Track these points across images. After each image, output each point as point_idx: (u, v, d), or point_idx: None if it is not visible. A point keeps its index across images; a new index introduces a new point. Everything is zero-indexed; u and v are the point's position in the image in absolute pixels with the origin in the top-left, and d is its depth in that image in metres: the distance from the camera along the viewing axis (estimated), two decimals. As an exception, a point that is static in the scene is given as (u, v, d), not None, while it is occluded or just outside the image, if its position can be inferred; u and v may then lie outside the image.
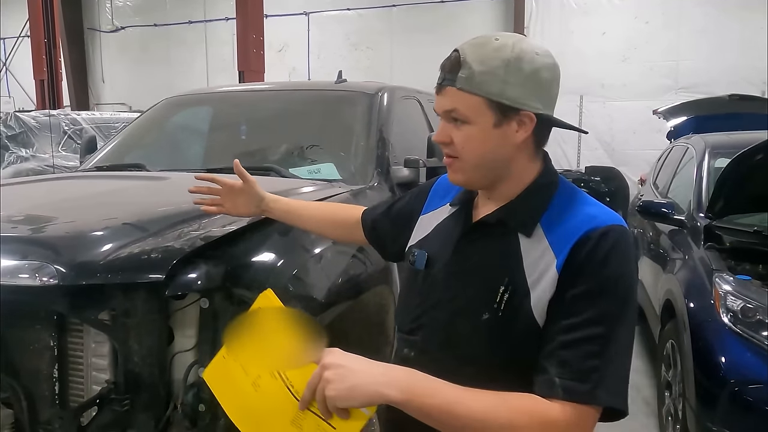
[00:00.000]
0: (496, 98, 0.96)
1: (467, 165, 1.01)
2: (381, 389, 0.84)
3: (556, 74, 1.00)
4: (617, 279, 0.92)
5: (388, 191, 2.57)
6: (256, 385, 0.93)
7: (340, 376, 0.85)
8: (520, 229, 0.99)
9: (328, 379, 0.85)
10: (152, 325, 1.49)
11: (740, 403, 2.27)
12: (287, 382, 0.91)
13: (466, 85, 0.96)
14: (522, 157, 1.02)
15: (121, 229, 1.61)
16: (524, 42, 0.98)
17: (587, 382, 0.86)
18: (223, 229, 1.62)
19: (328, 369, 0.85)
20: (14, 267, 1.46)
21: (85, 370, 1.54)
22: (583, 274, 0.91)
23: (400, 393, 0.85)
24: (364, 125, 2.79)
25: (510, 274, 0.96)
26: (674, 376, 2.84)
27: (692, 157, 3.88)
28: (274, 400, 0.91)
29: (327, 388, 0.84)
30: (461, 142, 0.99)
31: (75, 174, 3.03)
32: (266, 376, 0.92)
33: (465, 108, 0.97)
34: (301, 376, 0.89)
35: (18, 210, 1.79)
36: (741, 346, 2.35)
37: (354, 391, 0.84)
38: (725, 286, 2.53)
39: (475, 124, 0.98)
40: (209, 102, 3.48)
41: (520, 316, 0.94)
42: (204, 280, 1.47)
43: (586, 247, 0.92)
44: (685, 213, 3.41)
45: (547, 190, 1.02)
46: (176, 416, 1.51)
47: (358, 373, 0.85)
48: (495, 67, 0.95)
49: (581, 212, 0.98)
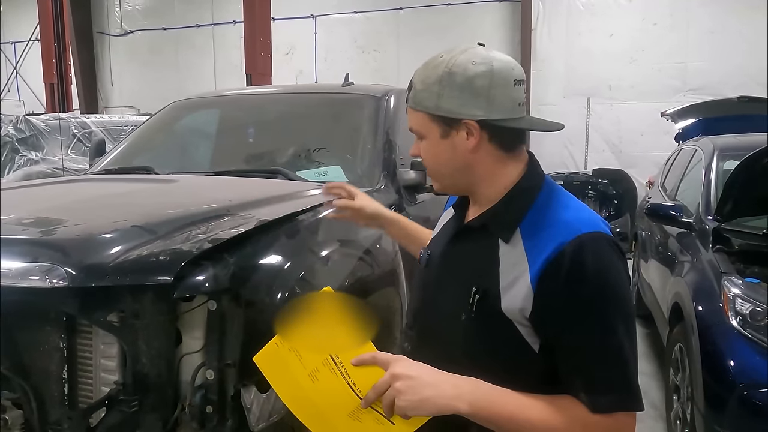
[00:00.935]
0: (434, 111, 1.03)
1: (434, 174, 1.11)
2: (451, 402, 0.89)
3: (495, 79, 1.00)
4: (603, 288, 0.93)
5: (394, 194, 2.57)
6: (314, 378, 0.96)
7: (412, 389, 0.88)
8: (498, 234, 1.02)
9: (399, 390, 0.88)
10: (160, 327, 1.50)
11: (749, 407, 2.25)
12: (348, 379, 0.93)
13: (412, 104, 1.06)
14: (486, 161, 1.04)
15: (130, 232, 1.63)
16: (465, 54, 1.01)
17: (609, 394, 0.91)
18: (231, 232, 1.63)
19: (399, 380, 0.89)
20: (24, 269, 1.47)
21: (94, 371, 1.55)
22: (570, 291, 0.92)
23: (468, 406, 0.89)
24: (371, 128, 2.80)
25: (483, 277, 1.00)
26: (683, 380, 2.82)
27: (701, 159, 3.86)
28: (333, 394, 0.94)
29: (398, 398, 0.88)
30: (423, 155, 1.09)
31: (84, 177, 3.05)
32: (325, 370, 0.95)
33: (416, 125, 1.07)
34: (365, 377, 0.92)
35: (28, 212, 1.80)
36: (750, 350, 2.34)
37: (425, 404, 0.88)
38: (734, 290, 2.51)
39: (426, 138, 1.06)
40: (217, 105, 3.50)
41: (493, 318, 0.98)
42: (212, 282, 1.48)
43: (564, 266, 0.93)
44: (693, 216, 3.39)
45: (529, 194, 1.03)
46: (184, 417, 1.52)
47: (428, 386, 0.89)
48: (431, 83, 1.02)
49: (557, 219, 0.98)
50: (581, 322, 0.93)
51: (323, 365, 0.95)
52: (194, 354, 1.54)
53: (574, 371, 0.94)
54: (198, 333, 1.54)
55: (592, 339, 0.92)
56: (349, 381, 0.93)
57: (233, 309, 1.50)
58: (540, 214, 1.00)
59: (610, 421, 0.91)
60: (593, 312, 0.92)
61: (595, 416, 0.91)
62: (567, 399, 0.93)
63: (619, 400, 0.92)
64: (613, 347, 0.92)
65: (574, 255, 0.93)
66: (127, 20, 12.58)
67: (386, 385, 0.89)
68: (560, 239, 0.94)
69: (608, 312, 0.93)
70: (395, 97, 2.99)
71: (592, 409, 0.91)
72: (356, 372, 0.93)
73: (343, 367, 0.94)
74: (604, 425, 0.91)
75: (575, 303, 0.92)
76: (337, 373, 0.94)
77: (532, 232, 0.99)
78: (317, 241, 1.87)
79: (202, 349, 1.53)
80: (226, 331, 1.49)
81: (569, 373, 0.95)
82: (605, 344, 0.92)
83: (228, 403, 1.50)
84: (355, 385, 0.93)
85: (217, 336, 1.50)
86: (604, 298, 0.93)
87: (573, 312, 0.92)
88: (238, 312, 1.50)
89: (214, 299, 1.49)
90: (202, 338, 1.53)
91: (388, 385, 0.89)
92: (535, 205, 1.02)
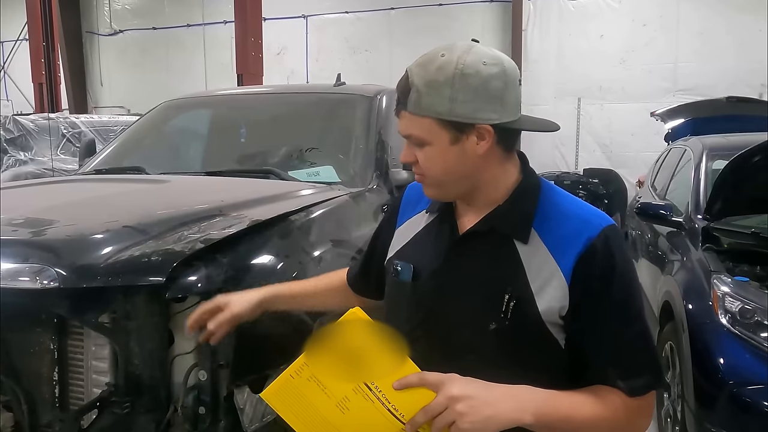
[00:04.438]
0: (447, 117, 0.95)
1: (435, 181, 1.02)
2: (515, 416, 0.87)
3: (508, 79, 0.97)
4: (629, 277, 0.97)
5: (387, 194, 2.57)
6: (343, 408, 0.89)
7: (475, 410, 0.85)
8: (515, 235, 0.99)
9: (462, 413, 0.84)
10: (152, 328, 1.50)
11: (739, 405, 2.27)
12: (389, 405, 0.88)
13: (415, 109, 0.96)
14: (492, 165, 1.01)
15: (122, 232, 1.62)
16: (471, 53, 0.95)
17: (644, 375, 0.95)
18: (223, 232, 1.63)
19: (460, 401, 0.85)
20: (15, 270, 1.46)
21: (85, 372, 1.54)
22: (603, 284, 0.95)
23: (532, 417, 0.88)
24: (363, 128, 2.80)
25: (512, 281, 0.97)
26: (673, 378, 2.84)
27: (690, 159, 3.89)
28: (368, 422, 0.89)
29: (461, 421, 0.84)
30: (423, 161, 1.00)
31: (74, 177, 3.03)
32: (357, 398, 0.89)
33: (419, 131, 0.98)
34: (407, 399, 0.87)
35: (18, 213, 1.79)
36: (739, 348, 2.35)
37: (490, 422, 0.86)
38: (723, 288, 2.53)
39: (432, 144, 0.98)
40: (208, 105, 3.49)
41: (530, 323, 0.96)
42: (204, 283, 1.48)
43: (597, 258, 0.95)
44: (683, 215, 3.41)
45: (533, 193, 1.03)
46: (176, 419, 1.52)
47: (491, 404, 0.86)
48: (440, 86, 0.94)
49: (573, 215, 0.99)
50: (616, 312, 0.95)
51: (355, 393, 0.89)
52: (187, 355, 1.54)
53: (608, 360, 0.95)
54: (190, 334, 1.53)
55: (625, 328, 0.95)
56: (389, 407, 0.88)
57: (226, 309, 1.49)
58: (549, 210, 1.00)
59: (643, 401, 0.95)
60: (626, 302, 0.96)
61: (634, 400, 0.94)
62: (604, 389, 0.95)
63: (652, 382, 0.96)
64: (641, 332, 0.96)
65: (605, 248, 0.95)
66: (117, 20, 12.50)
67: (441, 408, 0.85)
68: (587, 234, 0.96)
69: (635, 299, 0.97)
70: (387, 97, 2.99)
71: (630, 393, 0.94)
72: (398, 396, 0.87)
73: (380, 393, 0.88)
74: (639, 406, 0.95)
75: (610, 295, 0.95)
76: (373, 400, 0.88)
77: (547, 228, 0.98)
78: (310, 242, 1.87)
79: (194, 350, 1.53)
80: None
81: (603, 363, 0.95)
82: (636, 330, 0.96)
83: (221, 404, 1.50)
84: (397, 411, 0.87)
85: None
86: (632, 287, 0.97)
87: (608, 304, 0.95)
88: (231, 312, 1.49)
89: (206, 300, 1.48)
90: (194, 339, 1.52)
91: (443, 407, 0.85)
92: (540, 203, 1.01)
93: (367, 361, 0.88)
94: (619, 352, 0.95)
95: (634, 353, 0.96)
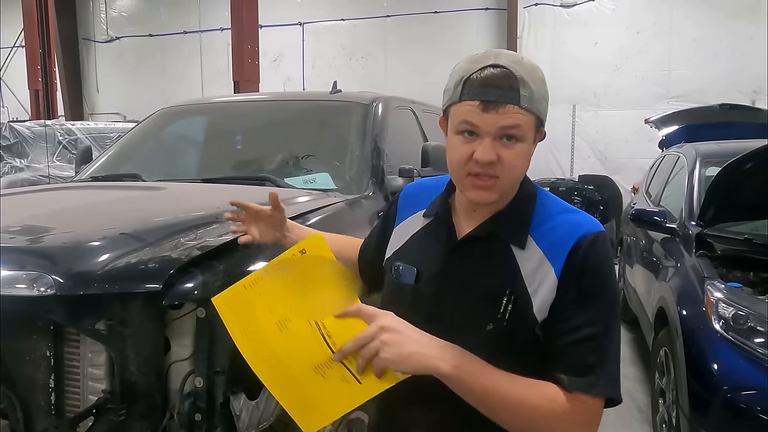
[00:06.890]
0: (544, 116, 1.00)
1: (508, 183, 1.00)
2: (434, 362, 0.88)
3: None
4: (607, 282, 0.99)
5: (383, 200, 2.59)
6: (283, 326, 0.92)
7: (400, 342, 0.88)
8: (513, 241, 1.02)
9: (385, 342, 0.87)
10: (149, 335, 1.50)
11: (733, 410, 2.29)
12: (323, 330, 0.90)
13: (529, 104, 0.95)
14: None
15: (118, 239, 1.62)
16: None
17: (589, 375, 0.93)
18: (220, 239, 1.63)
19: (387, 332, 0.88)
20: (12, 277, 1.46)
21: (81, 379, 1.54)
22: (580, 280, 0.97)
23: (451, 368, 0.89)
24: (359, 135, 2.81)
25: (511, 284, 0.99)
26: (668, 384, 2.85)
27: (684, 165, 3.92)
28: (302, 344, 0.91)
29: (383, 349, 0.87)
30: (512, 159, 0.97)
31: (71, 184, 3.03)
32: (298, 319, 0.91)
33: (526, 126, 0.96)
34: (344, 330, 0.89)
35: (15, 220, 1.79)
36: (733, 353, 2.37)
37: (409, 359, 0.87)
38: (717, 294, 2.55)
39: (526, 141, 0.98)
40: (204, 112, 3.49)
41: (526, 323, 0.98)
42: (200, 290, 1.48)
43: (579, 255, 0.97)
44: (677, 221, 3.44)
45: (531, 201, 1.06)
46: (173, 425, 1.52)
47: (415, 342, 0.89)
48: (542, 86, 0.98)
49: (566, 220, 1.02)
50: (580, 307, 0.96)
51: (297, 316, 0.91)
52: (183, 362, 1.54)
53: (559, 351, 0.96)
54: (187, 341, 1.54)
55: (585, 325, 0.95)
56: (323, 332, 0.90)
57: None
58: (545, 218, 1.03)
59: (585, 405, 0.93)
60: (593, 301, 0.96)
61: (574, 399, 0.92)
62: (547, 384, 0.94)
63: (597, 385, 0.93)
64: (599, 335, 0.95)
65: (590, 246, 0.97)
66: (113, 27, 12.52)
67: (370, 337, 0.88)
68: (578, 234, 0.98)
69: (606, 304, 0.97)
70: (383, 104, 3.01)
71: (567, 387, 0.93)
72: (334, 325, 0.90)
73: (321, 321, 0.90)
74: (580, 408, 0.92)
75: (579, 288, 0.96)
76: (311, 324, 0.90)
77: (543, 235, 1.01)
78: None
79: (190, 357, 1.53)
80: (215, 338, 1.49)
81: (558, 352, 0.96)
82: (594, 332, 0.95)
83: (217, 410, 1.50)
84: (330, 338, 0.89)
85: (206, 344, 1.50)
86: (604, 290, 0.98)
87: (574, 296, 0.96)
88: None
89: (203, 307, 1.49)
90: (190, 346, 1.53)
91: (372, 336, 0.88)
92: (536, 210, 1.04)
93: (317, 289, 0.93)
94: (571, 346, 0.95)
95: (584, 352, 0.94)
